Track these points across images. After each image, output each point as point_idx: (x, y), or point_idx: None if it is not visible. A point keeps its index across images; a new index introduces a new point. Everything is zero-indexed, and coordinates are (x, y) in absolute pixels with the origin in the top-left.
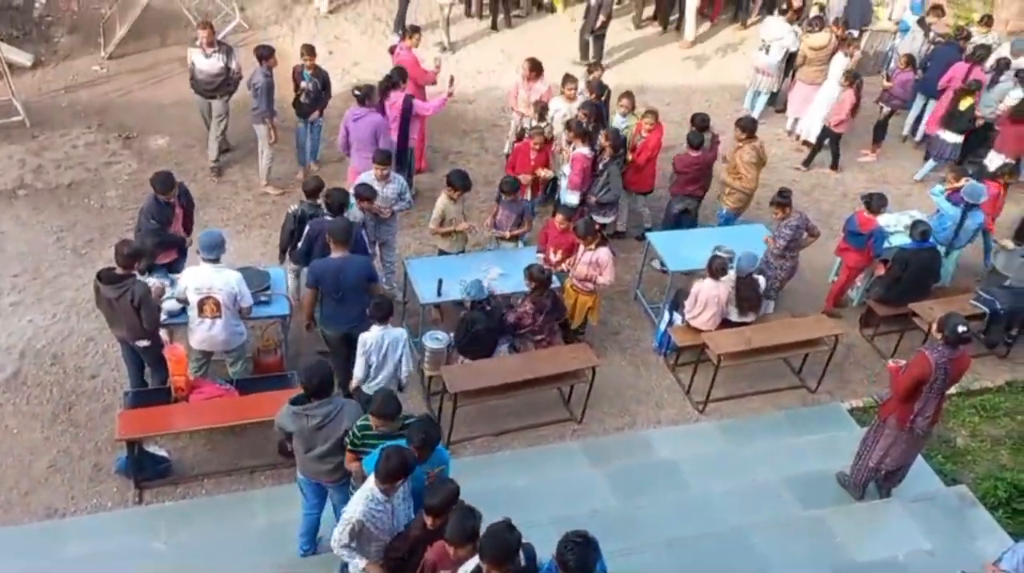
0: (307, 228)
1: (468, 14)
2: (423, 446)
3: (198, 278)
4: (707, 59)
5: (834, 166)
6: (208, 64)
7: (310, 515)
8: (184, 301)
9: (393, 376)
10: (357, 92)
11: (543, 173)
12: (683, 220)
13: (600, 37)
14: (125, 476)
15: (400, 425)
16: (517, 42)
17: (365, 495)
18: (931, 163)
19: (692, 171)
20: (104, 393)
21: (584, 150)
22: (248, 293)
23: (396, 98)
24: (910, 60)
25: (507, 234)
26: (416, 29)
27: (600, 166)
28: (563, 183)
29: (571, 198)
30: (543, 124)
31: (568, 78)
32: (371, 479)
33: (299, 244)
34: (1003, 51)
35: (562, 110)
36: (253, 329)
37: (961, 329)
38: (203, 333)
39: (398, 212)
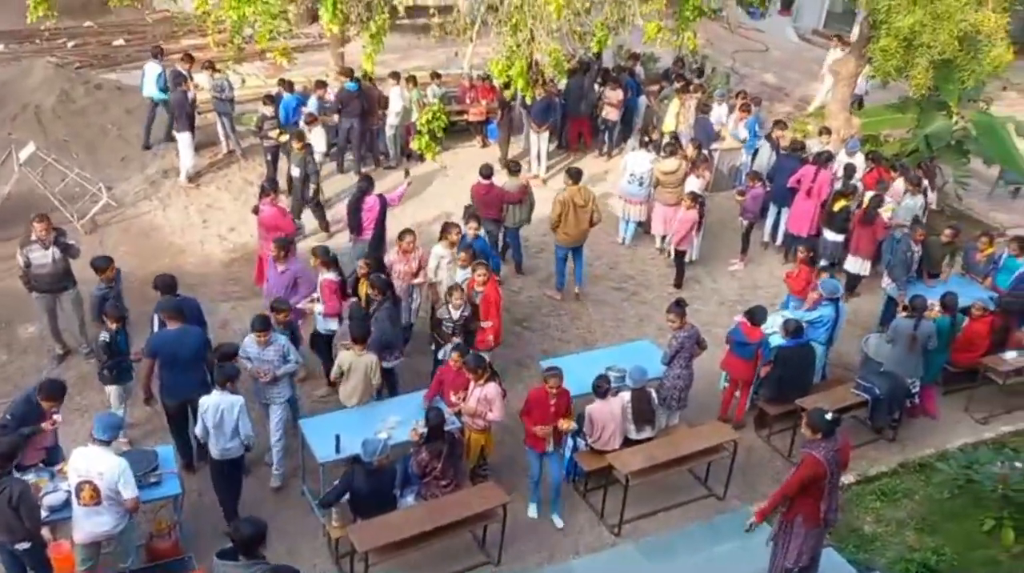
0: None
1: (340, 170)
2: None
3: (81, 460)
4: None
5: (677, 283)
6: (48, 256)
7: None
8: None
9: (234, 437)
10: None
11: (564, 424)
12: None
13: (319, 205)
14: None
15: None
16: (387, 192)
17: None
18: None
19: (483, 198)
20: None
21: (330, 275)
22: (132, 483)
23: (371, 202)
24: (756, 176)
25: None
26: (274, 185)
27: (371, 310)
28: (318, 311)
29: (330, 324)
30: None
31: (450, 225)
32: None
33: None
34: (842, 158)
35: (446, 257)
36: (144, 513)
37: (828, 416)
38: (86, 523)
39: (284, 376)
